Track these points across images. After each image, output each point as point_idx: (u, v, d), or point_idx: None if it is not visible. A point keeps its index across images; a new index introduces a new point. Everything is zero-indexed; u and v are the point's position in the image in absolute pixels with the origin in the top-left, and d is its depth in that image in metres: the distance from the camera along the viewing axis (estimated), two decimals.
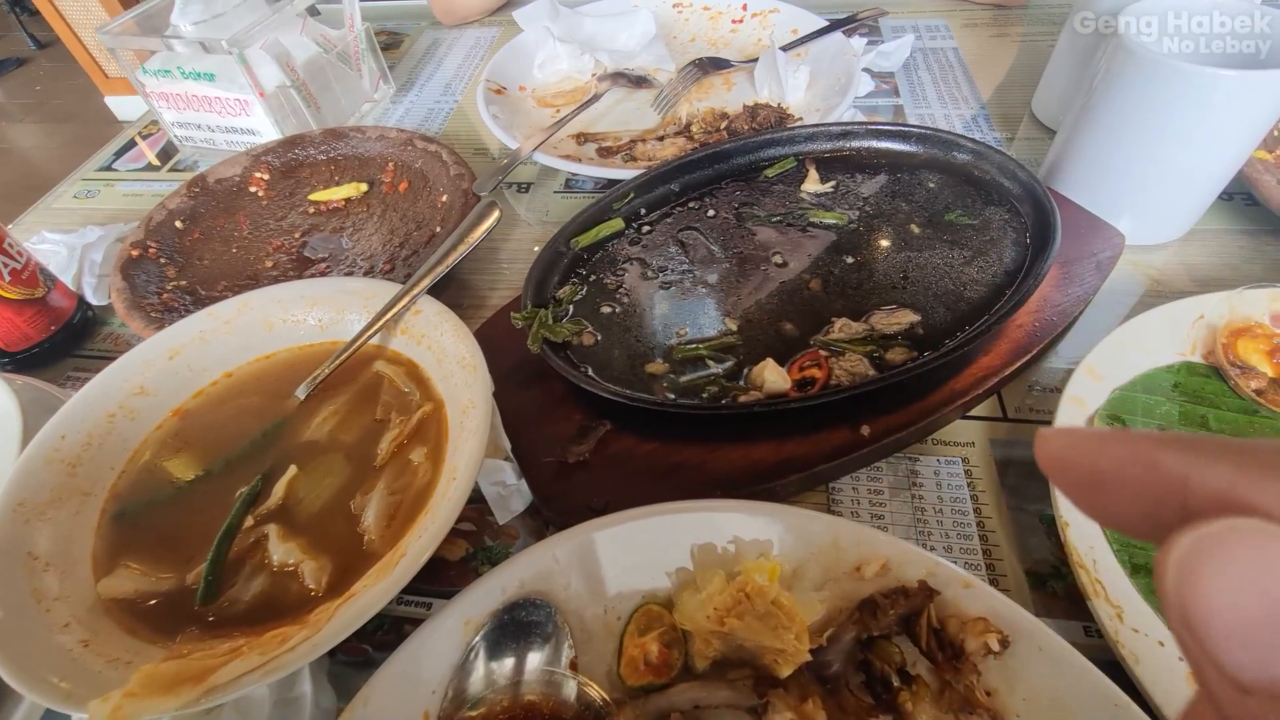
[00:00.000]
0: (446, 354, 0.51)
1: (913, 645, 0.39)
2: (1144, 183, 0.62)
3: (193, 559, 0.44)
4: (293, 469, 0.47)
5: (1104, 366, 0.51)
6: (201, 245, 0.74)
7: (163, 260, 0.71)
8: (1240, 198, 0.69)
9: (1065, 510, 0.44)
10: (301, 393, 0.52)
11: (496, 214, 0.57)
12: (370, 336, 0.53)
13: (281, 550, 0.43)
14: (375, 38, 0.96)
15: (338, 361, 0.53)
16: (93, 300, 0.70)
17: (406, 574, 0.38)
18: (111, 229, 0.75)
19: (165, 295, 0.67)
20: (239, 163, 0.81)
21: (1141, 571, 0.42)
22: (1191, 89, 0.54)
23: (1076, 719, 0.36)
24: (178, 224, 0.75)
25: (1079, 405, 0.49)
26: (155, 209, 0.75)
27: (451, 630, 0.40)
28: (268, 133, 0.85)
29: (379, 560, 0.41)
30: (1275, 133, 0.69)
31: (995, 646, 0.37)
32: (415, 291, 0.54)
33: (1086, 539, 0.43)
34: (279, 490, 0.46)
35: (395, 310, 0.53)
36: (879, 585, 0.41)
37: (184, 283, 0.70)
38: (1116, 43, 0.57)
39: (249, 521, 0.45)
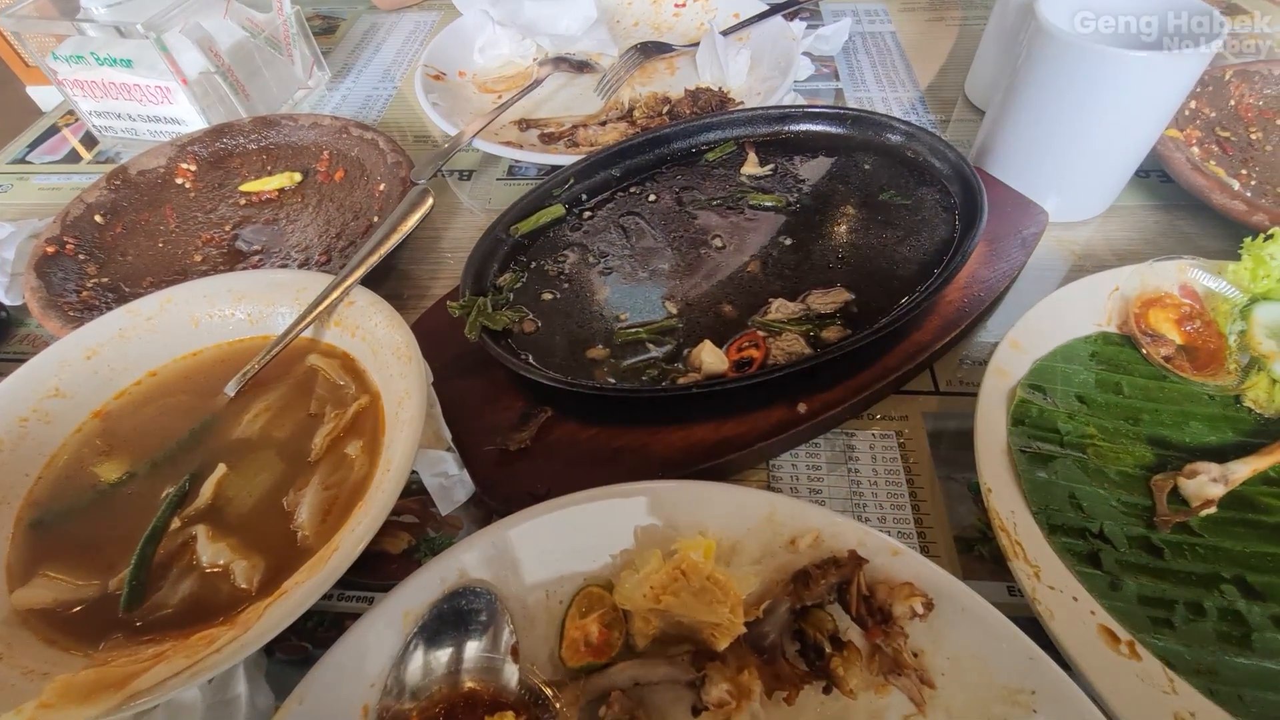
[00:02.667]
0: (381, 345, 0.50)
1: (845, 612, 0.40)
2: (1065, 161, 0.64)
3: (117, 565, 0.42)
4: (221, 468, 0.46)
5: (1026, 339, 0.53)
6: (124, 240, 0.71)
7: (82, 257, 0.68)
8: (1155, 175, 0.72)
9: (989, 477, 0.46)
10: (231, 390, 0.51)
11: (430, 201, 0.56)
12: (302, 330, 0.52)
13: (211, 551, 0.42)
14: (308, 22, 0.93)
15: (268, 357, 0.51)
16: (5, 300, 0.67)
17: (338, 569, 0.37)
18: (25, 225, 0.71)
19: (85, 293, 0.64)
20: (163, 153, 0.77)
21: (1058, 532, 0.44)
22: (1104, 70, 0.56)
23: (995, 672, 0.37)
24: (97, 218, 0.71)
25: (1002, 377, 0.51)
26: (72, 203, 0.71)
27: (390, 623, 0.40)
28: (193, 121, 0.82)
29: (314, 556, 0.40)
30: (1186, 112, 0.72)
31: (920, 610, 0.38)
32: (348, 282, 0.52)
33: (1008, 504, 0.45)
34: (207, 490, 0.45)
35: (328, 302, 0.52)
36: (813, 556, 0.42)
37: (106, 280, 0.66)
38: (1035, 25, 0.59)
39: (176, 523, 0.44)
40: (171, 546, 0.43)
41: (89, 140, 0.90)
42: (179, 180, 0.77)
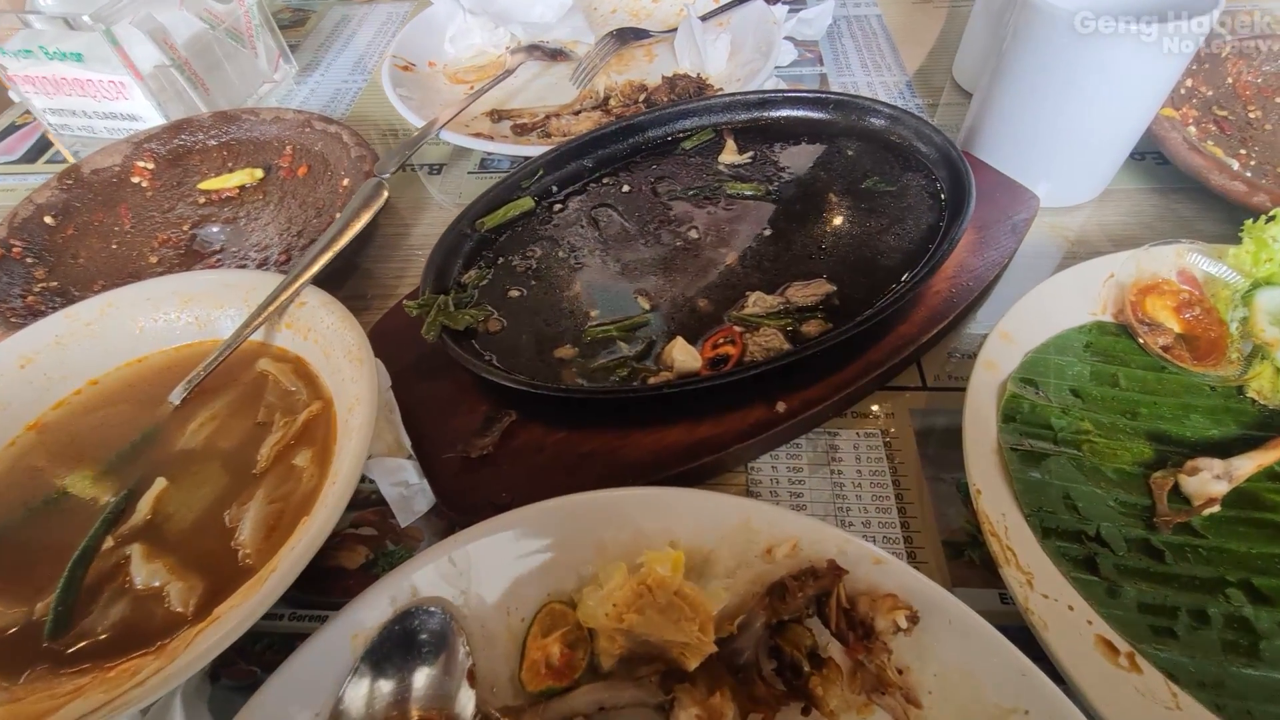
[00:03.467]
0: (334, 348, 0.47)
1: (824, 627, 0.38)
2: (1056, 144, 0.61)
3: (45, 589, 0.39)
4: (161, 482, 0.43)
5: (1017, 330, 0.50)
6: (76, 242, 0.68)
7: (30, 260, 0.65)
8: (1151, 157, 0.69)
9: (978, 477, 0.43)
10: (176, 398, 0.48)
11: (385, 195, 0.53)
12: (249, 334, 0.49)
13: (146, 572, 0.39)
14: (278, 15, 0.90)
15: (214, 363, 0.48)
16: None
17: (273, 593, 0.34)
18: None
19: (30, 298, 0.61)
20: (118, 151, 0.74)
21: (1051, 535, 0.41)
22: (1094, 46, 0.53)
23: (986, 690, 0.35)
24: (48, 219, 0.68)
25: (992, 370, 0.48)
26: (21, 204, 0.68)
27: (336, 647, 0.37)
28: (151, 118, 0.78)
29: (253, 577, 0.38)
30: (1182, 90, 0.70)
31: (904, 624, 0.36)
32: (298, 283, 0.50)
33: (999, 506, 0.42)
34: (145, 506, 0.42)
35: (277, 304, 0.49)
36: (790, 566, 0.39)
37: (55, 284, 0.63)
38: (1022, 0, 0.56)
39: (110, 543, 0.41)
40: (104, 567, 0.40)
41: (44, 141, 0.87)
42: (135, 179, 0.74)
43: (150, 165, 0.75)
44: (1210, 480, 0.43)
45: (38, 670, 0.36)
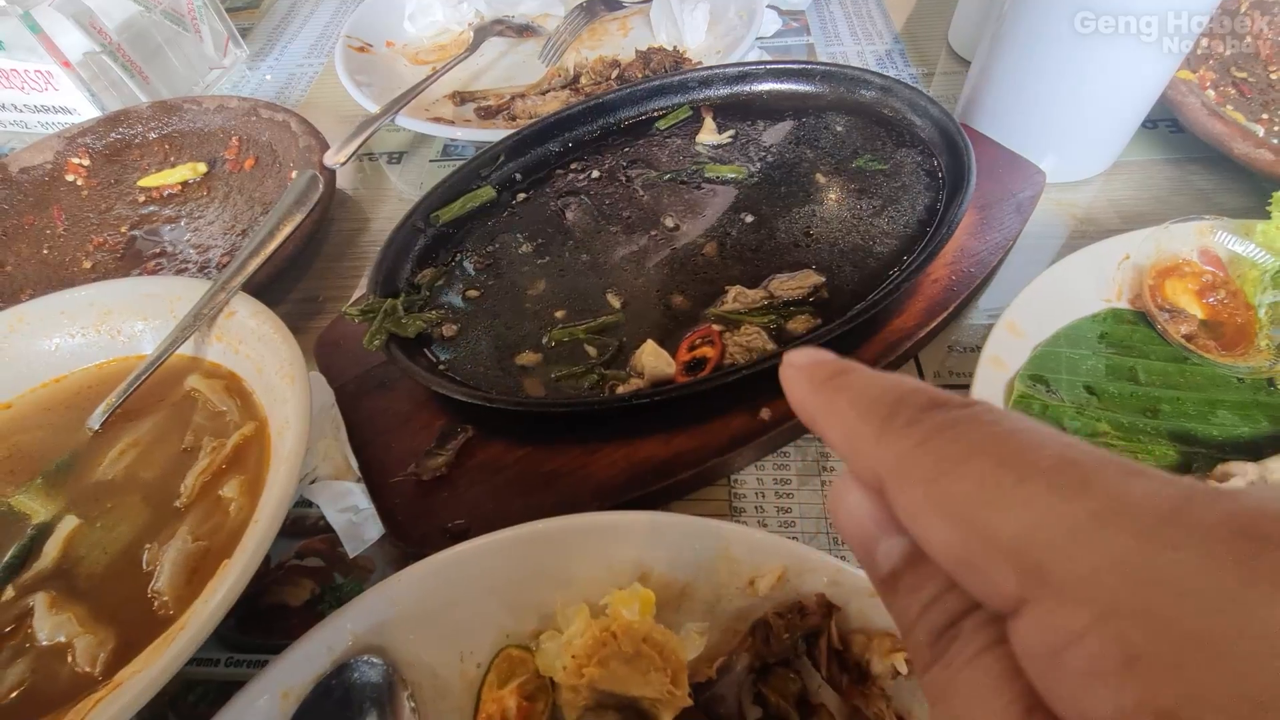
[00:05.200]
0: (266, 362, 0.42)
1: (815, 670, 0.33)
2: (1062, 112, 0.56)
3: None
4: (71, 521, 0.39)
5: (1025, 320, 0.46)
6: (2, 248, 0.63)
7: None
8: (1165, 124, 0.64)
9: None
10: (95, 423, 0.43)
11: (320, 189, 0.48)
12: (175, 348, 0.44)
13: (50, 625, 0.35)
14: None
15: (135, 383, 0.43)
16: None
17: (184, 652, 0.30)
18: None
19: None
20: (49, 147, 0.68)
21: None
22: (1102, 3, 0.48)
23: None
24: None
25: (998, 367, 0.44)
26: None
27: (263, 708, 0.33)
28: (85, 110, 0.73)
29: (166, 631, 0.33)
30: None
31: (903, 668, 0.31)
32: (228, 289, 0.45)
33: None
34: (53, 549, 0.38)
35: (204, 314, 0.44)
36: (777, 600, 0.35)
37: None
38: None
39: (10, 592, 0.36)
40: (2, 621, 0.36)
41: None
42: (69, 177, 0.68)
43: (85, 162, 0.69)
44: (1243, 486, 0.38)
45: None
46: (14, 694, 0.33)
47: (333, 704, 0.33)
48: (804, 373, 0.18)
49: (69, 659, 0.34)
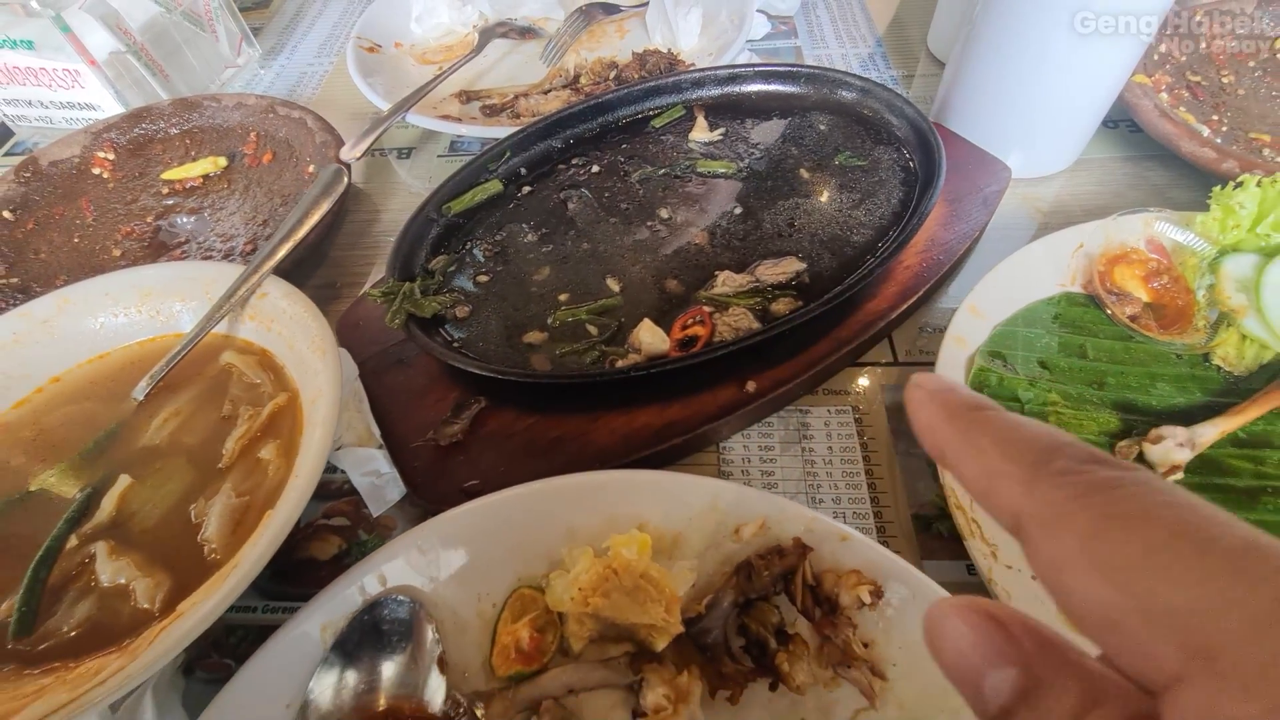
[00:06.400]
0: (298, 339, 0.47)
1: (791, 604, 0.38)
2: (1027, 113, 0.61)
3: (8, 589, 0.39)
4: (124, 479, 0.43)
5: (986, 303, 0.50)
6: (36, 237, 0.67)
7: None
8: (1124, 125, 0.69)
9: None
10: (139, 394, 0.47)
11: (345, 182, 0.52)
12: (212, 325, 0.48)
13: (111, 569, 0.39)
14: None
15: (176, 358, 0.47)
16: None
17: (238, 588, 0.34)
18: None
19: None
20: (77, 141, 0.72)
21: None
22: (1064, 9, 0.52)
23: None
24: (6, 214, 0.67)
25: (960, 345, 0.48)
26: None
27: (305, 639, 0.37)
28: (109, 106, 0.76)
29: (218, 572, 0.37)
30: (1155, 56, 0.69)
31: (867, 598, 0.36)
32: (259, 273, 0.49)
33: None
34: (109, 504, 0.42)
35: (237, 296, 0.48)
36: (759, 546, 0.39)
37: (15, 280, 0.62)
38: None
39: (74, 541, 0.41)
40: (68, 567, 0.40)
41: (4, 131, 0.85)
42: (96, 170, 0.72)
43: (110, 156, 0.73)
44: (1174, 448, 0.43)
45: (4, 671, 0.36)
46: (83, 627, 0.38)
47: (366, 635, 0.37)
48: (937, 399, 0.18)
49: (130, 598, 0.38)
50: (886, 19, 0.88)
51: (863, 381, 0.53)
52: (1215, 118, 0.65)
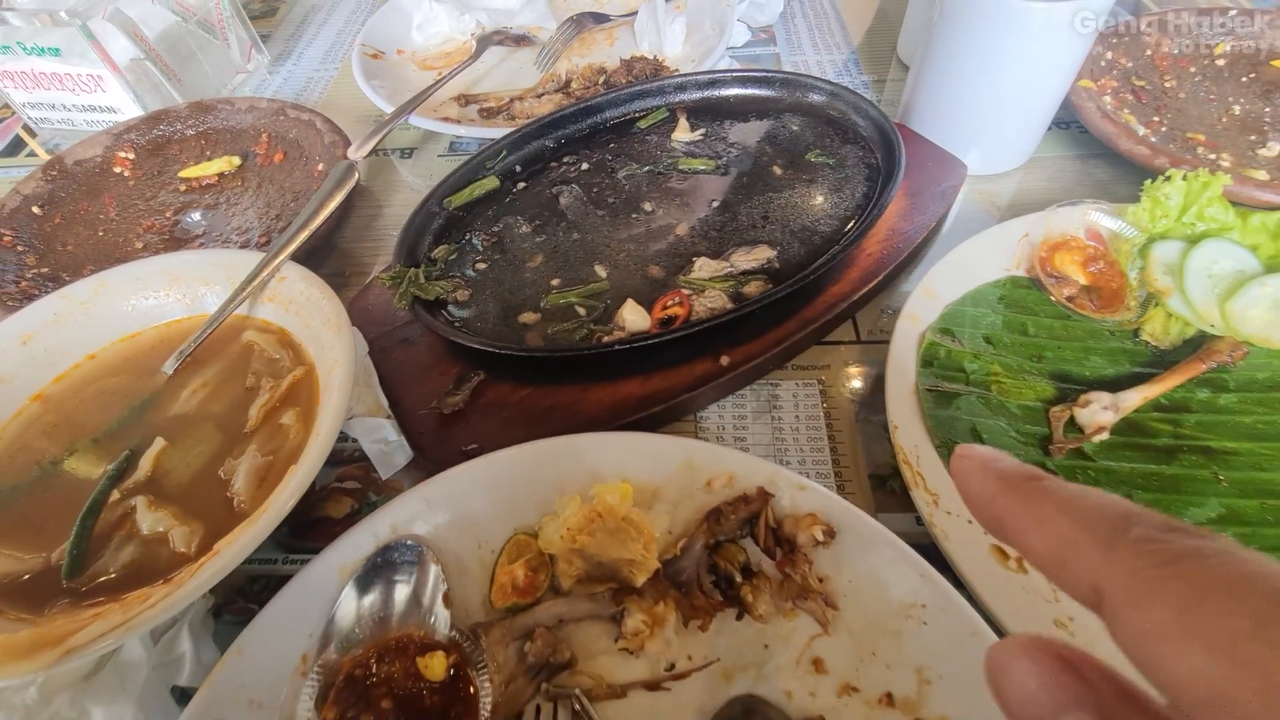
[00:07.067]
0: (313, 317, 0.51)
1: (755, 544, 0.43)
2: (982, 115, 0.66)
3: (59, 538, 0.44)
4: (160, 442, 0.48)
5: (939, 285, 0.56)
6: (64, 230, 0.71)
7: (20, 248, 0.68)
8: (1075, 126, 0.74)
9: (897, 415, 0.48)
10: (169, 368, 0.52)
11: (356, 176, 0.57)
12: (235, 307, 0.53)
13: (150, 520, 0.44)
14: (248, 6, 0.92)
15: (204, 334, 0.52)
16: None
17: (268, 527, 0.39)
18: None
19: (24, 284, 0.64)
20: (99, 142, 0.77)
21: None
22: (1008, 22, 0.58)
23: (892, 591, 0.40)
24: (35, 209, 0.71)
25: (914, 322, 0.53)
26: (8, 195, 0.71)
27: (325, 577, 0.42)
28: (128, 109, 0.81)
29: (247, 519, 0.42)
30: (1103, 63, 0.75)
31: (821, 537, 0.41)
32: (278, 259, 0.54)
33: (913, 439, 0.47)
34: (146, 463, 0.47)
35: (259, 279, 0.53)
36: (727, 496, 0.44)
37: (46, 270, 0.67)
38: None
39: (116, 495, 0.45)
40: (112, 517, 0.44)
41: (28, 133, 0.89)
42: (117, 169, 0.77)
43: (131, 155, 0.78)
44: (1099, 411, 0.48)
45: (59, 605, 0.41)
46: (127, 569, 0.42)
47: (379, 573, 0.42)
48: (989, 469, 0.17)
49: (168, 544, 0.43)
50: (862, 28, 0.94)
51: (828, 358, 0.58)
52: (1156, 119, 0.70)
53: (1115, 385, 0.51)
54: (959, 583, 0.40)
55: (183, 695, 0.42)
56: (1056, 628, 0.40)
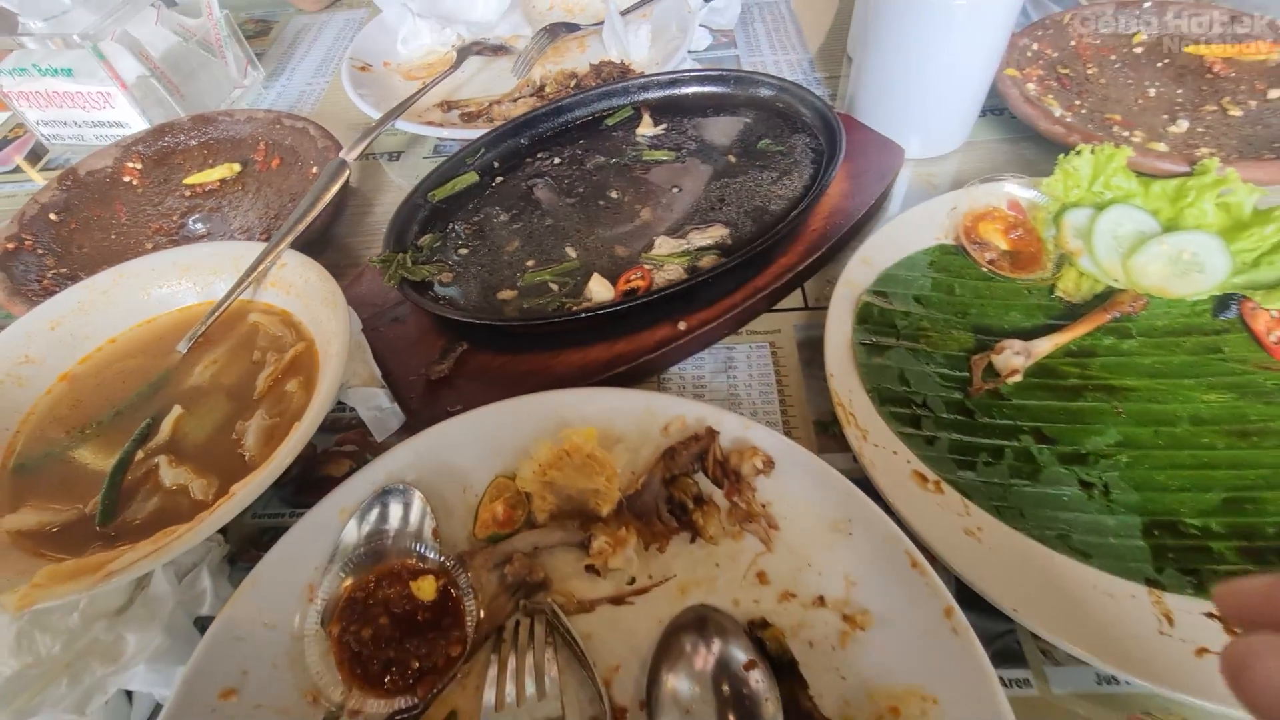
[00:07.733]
0: (313, 298, 0.57)
1: (705, 477, 0.49)
2: (918, 103, 0.73)
3: (91, 492, 0.49)
4: (177, 409, 0.53)
5: (875, 254, 0.62)
6: (80, 234, 0.77)
7: (40, 251, 0.74)
8: (1006, 112, 0.81)
9: (833, 366, 0.54)
10: (183, 347, 0.58)
11: (347, 171, 0.63)
12: (242, 290, 0.59)
13: (172, 474, 0.50)
14: (243, 26, 0.99)
15: (214, 316, 0.58)
16: None
17: (277, 470, 0.45)
18: None
19: (46, 282, 0.70)
20: (109, 154, 0.83)
21: (886, 404, 0.52)
22: (931, 17, 0.64)
23: (823, 510, 0.46)
24: (52, 216, 0.77)
25: (851, 286, 0.60)
26: (27, 204, 0.77)
27: (328, 518, 0.48)
28: (135, 123, 0.87)
29: (257, 469, 0.48)
30: (1029, 53, 0.81)
31: (761, 466, 0.47)
32: (279, 247, 0.60)
33: (846, 385, 0.53)
34: (166, 428, 0.52)
35: (263, 266, 0.59)
36: (681, 437, 0.50)
37: (65, 270, 0.73)
38: None
39: (141, 455, 0.51)
40: (138, 474, 0.50)
41: (37, 150, 0.95)
42: (126, 178, 0.83)
43: (138, 165, 0.84)
44: (1013, 356, 0.54)
45: (96, 546, 0.46)
46: (153, 516, 0.48)
47: (376, 514, 0.48)
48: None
49: (188, 494, 0.49)
50: (822, 30, 1.01)
51: (779, 323, 0.64)
52: (1078, 103, 0.77)
53: (1031, 335, 0.57)
54: (889, 508, 0.46)
55: (203, 626, 0.48)
56: (966, 535, 0.45)
